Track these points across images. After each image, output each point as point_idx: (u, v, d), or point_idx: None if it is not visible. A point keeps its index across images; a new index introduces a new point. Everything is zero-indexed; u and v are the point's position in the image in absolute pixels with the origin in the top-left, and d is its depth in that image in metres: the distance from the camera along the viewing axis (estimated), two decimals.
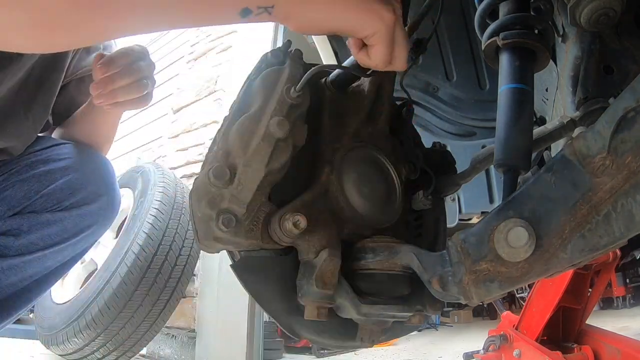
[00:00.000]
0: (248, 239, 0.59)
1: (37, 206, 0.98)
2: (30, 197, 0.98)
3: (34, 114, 1.01)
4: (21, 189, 0.98)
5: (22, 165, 1.01)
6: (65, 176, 1.00)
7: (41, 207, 0.98)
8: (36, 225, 0.97)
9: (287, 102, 0.62)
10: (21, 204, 0.98)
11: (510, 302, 7.34)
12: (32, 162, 1.01)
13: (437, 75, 1.52)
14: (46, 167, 1.01)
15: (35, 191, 0.98)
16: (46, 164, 1.01)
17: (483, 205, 1.52)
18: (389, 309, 0.63)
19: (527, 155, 0.65)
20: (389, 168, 0.78)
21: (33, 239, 0.97)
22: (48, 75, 1.00)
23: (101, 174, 1.07)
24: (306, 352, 4.51)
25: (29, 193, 0.98)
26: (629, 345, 1.74)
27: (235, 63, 2.78)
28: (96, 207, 1.03)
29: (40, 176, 0.99)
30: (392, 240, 0.64)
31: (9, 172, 1.01)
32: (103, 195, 1.05)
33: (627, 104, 0.45)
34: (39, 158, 1.02)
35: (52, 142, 1.08)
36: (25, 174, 1.00)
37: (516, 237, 0.50)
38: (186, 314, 2.55)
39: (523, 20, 0.69)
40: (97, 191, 1.04)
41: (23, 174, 1.00)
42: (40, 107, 1.01)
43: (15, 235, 0.96)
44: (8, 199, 0.98)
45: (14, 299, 0.98)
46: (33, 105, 1.00)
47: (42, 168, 1.00)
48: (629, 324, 4.22)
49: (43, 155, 1.03)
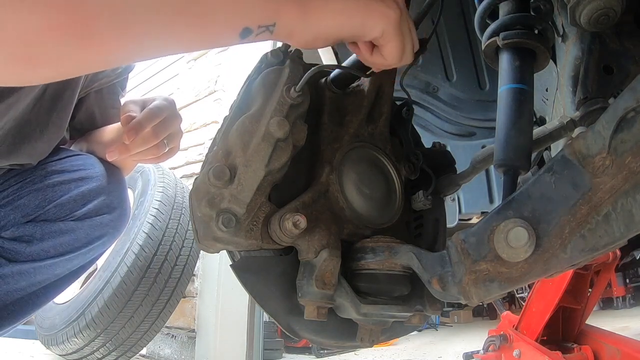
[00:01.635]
0: (248, 239, 0.59)
1: (51, 215, 1.00)
2: (44, 206, 0.99)
3: (49, 134, 1.02)
4: (36, 198, 1.00)
5: (37, 174, 1.03)
6: (79, 187, 1.02)
7: (54, 216, 1.00)
8: (49, 233, 0.99)
9: (287, 102, 0.62)
10: (35, 212, 0.99)
11: (510, 302, 7.35)
12: (47, 172, 1.03)
13: (437, 75, 1.52)
14: (61, 178, 1.02)
15: (49, 200, 1.00)
16: (61, 175, 1.03)
17: (483, 205, 1.52)
18: (388, 309, 0.63)
19: (527, 155, 0.65)
20: (389, 168, 0.78)
21: (45, 246, 0.98)
22: (63, 91, 1.01)
23: (114, 186, 1.08)
24: (306, 352, 4.51)
25: (43, 202, 0.99)
26: (629, 345, 1.74)
27: (235, 63, 2.78)
28: (108, 218, 1.05)
29: (55, 186, 1.01)
30: (392, 240, 0.64)
31: (23, 180, 1.02)
32: (116, 208, 1.06)
33: (627, 104, 0.45)
34: (54, 168, 1.04)
35: (68, 153, 1.09)
36: (40, 184, 1.01)
37: (516, 237, 0.50)
38: (186, 314, 2.55)
39: (523, 20, 0.69)
40: (110, 204, 1.05)
41: (38, 183, 1.01)
42: (55, 127, 1.02)
43: (28, 242, 0.98)
44: (22, 206, 0.99)
45: (21, 303, 0.99)
46: (49, 124, 1.01)
47: (56, 178, 1.02)
48: (629, 324, 4.22)
49: (58, 166, 1.04)
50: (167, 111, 0.98)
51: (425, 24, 0.74)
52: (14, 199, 1.00)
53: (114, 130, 1.16)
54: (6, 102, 0.88)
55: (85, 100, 1.15)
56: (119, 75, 1.19)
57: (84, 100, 1.15)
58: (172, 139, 1.02)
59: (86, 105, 1.15)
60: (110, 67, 0.69)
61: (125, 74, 1.21)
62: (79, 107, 1.14)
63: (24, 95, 0.92)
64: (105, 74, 1.15)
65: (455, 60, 1.51)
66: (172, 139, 1.01)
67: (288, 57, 0.66)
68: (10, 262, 0.96)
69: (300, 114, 0.64)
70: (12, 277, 0.96)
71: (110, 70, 1.15)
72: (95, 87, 1.15)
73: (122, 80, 1.22)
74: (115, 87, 1.21)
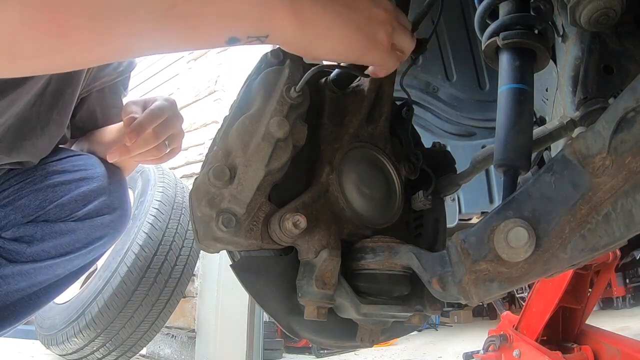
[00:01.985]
0: (248, 239, 0.59)
1: (51, 215, 0.99)
2: (45, 206, 0.99)
3: (50, 131, 1.01)
4: (36, 198, 0.99)
5: (38, 175, 1.02)
6: (80, 187, 1.01)
7: (55, 216, 0.99)
8: (49, 234, 0.98)
9: (287, 102, 0.62)
10: (35, 213, 0.99)
11: (510, 302, 7.34)
12: (48, 172, 1.02)
13: (437, 75, 1.52)
14: (61, 178, 1.02)
15: (50, 201, 0.99)
16: (62, 175, 1.02)
17: (483, 205, 1.52)
18: (388, 309, 0.63)
19: (527, 155, 0.65)
20: (389, 168, 0.78)
21: (45, 247, 0.98)
22: (64, 89, 1.01)
23: (115, 187, 1.08)
24: (306, 352, 4.51)
25: (44, 202, 0.99)
26: (629, 345, 1.74)
27: (235, 63, 2.78)
28: (109, 219, 1.04)
29: (55, 186, 1.00)
30: (392, 240, 0.64)
31: (24, 181, 1.01)
32: (117, 208, 1.06)
33: (627, 104, 0.45)
34: (54, 168, 1.03)
35: (68, 153, 1.09)
36: (41, 184, 1.00)
37: (516, 237, 0.50)
38: (186, 314, 2.55)
39: (523, 20, 0.69)
40: (111, 204, 1.05)
41: (38, 183, 1.01)
42: (56, 124, 1.02)
43: (28, 242, 0.97)
44: (22, 207, 0.99)
45: (21, 304, 0.99)
46: (50, 122, 1.00)
47: (57, 178, 1.01)
48: (629, 324, 4.22)
49: (59, 166, 1.04)
50: (168, 112, 0.97)
51: (425, 24, 0.74)
52: (14, 199, 0.99)
53: (115, 131, 1.16)
54: (8, 98, 0.87)
55: (87, 99, 1.15)
56: (121, 74, 1.18)
57: (86, 99, 1.14)
58: (174, 139, 1.01)
59: (87, 104, 1.15)
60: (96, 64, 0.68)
61: (127, 72, 1.21)
62: (81, 105, 1.13)
63: (26, 92, 0.91)
64: (107, 73, 1.14)
65: (455, 60, 1.51)
66: (173, 140, 1.01)
67: (288, 57, 0.66)
68: (11, 262, 0.96)
69: (300, 114, 0.64)
70: (13, 277, 0.96)
71: (111, 69, 1.15)
72: (97, 86, 1.15)
73: (124, 80, 1.22)
74: (117, 87, 1.20)
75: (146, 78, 3.65)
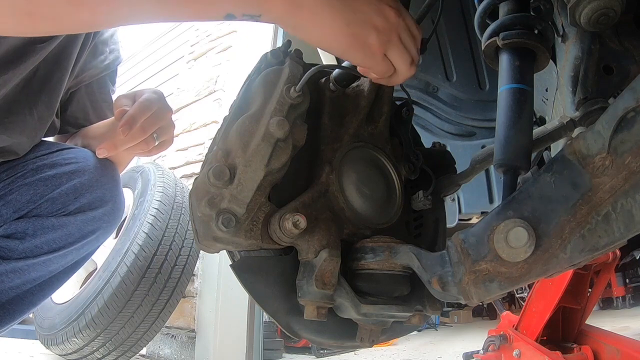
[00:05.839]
0: (248, 239, 0.59)
1: (43, 210, 0.98)
2: (36, 200, 0.98)
3: (39, 112, 1.01)
4: (27, 193, 0.98)
5: (28, 169, 1.01)
6: (71, 181, 1.00)
7: (46, 211, 0.98)
8: (41, 229, 0.97)
9: (287, 102, 0.62)
10: (26, 208, 0.97)
11: (510, 302, 7.34)
12: (38, 166, 1.01)
13: (437, 75, 1.53)
14: (52, 172, 1.00)
15: (41, 195, 0.98)
16: (52, 168, 1.01)
17: (483, 205, 1.52)
18: (388, 309, 0.63)
19: (527, 155, 0.65)
20: (389, 168, 0.78)
21: (38, 242, 0.97)
22: (52, 74, 1.00)
23: (107, 179, 1.06)
24: (306, 352, 4.51)
25: (35, 197, 0.98)
26: (629, 345, 1.74)
27: (235, 63, 2.78)
28: (101, 212, 1.03)
29: (46, 180, 0.99)
30: (392, 240, 0.64)
31: (14, 175, 1.00)
32: (108, 201, 1.05)
33: (627, 104, 0.45)
34: (45, 162, 1.02)
35: (59, 147, 1.08)
36: (31, 178, 0.99)
37: (516, 237, 0.50)
38: (186, 314, 2.55)
39: (523, 20, 0.69)
40: (103, 197, 1.04)
41: (29, 177, 1.00)
42: (45, 105, 1.01)
43: (20, 238, 0.96)
44: (13, 202, 0.97)
45: (17, 302, 0.98)
46: (38, 103, 1.00)
47: (48, 172, 1.00)
48: (629, 324, 4.22)
49: (49, 160, 1.03)
50: (157, 104, 0.97)
51: (425, 24, 0.74)
52: (5, 194, 0.98)
53: (106, 125, 1.16)
54: (2, 78, 0.87)
55: (76, 93, 1.16)
56: (107, 67, 1.19)
57: (75, 94, 1.15)
58: (164, 132, 1.01)
59: (77, 98, 1.16)
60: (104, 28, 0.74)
61: (113, 67, 1.21)
62: (71, 100, 1.14)
63: (16, 76, 0.91)
64: (94, 65, 1.15)
65: (455, 60, 1.51)
66: (163, 132, 1.01)
67: (288, 57, 0.66)
68: (4, 259, 0.94)
69: (300, 114, 0.64)
70: (6, 275, 0.94)
71: (98, 61, 1.16)
72: (86, 80, 1.16)
73: (111, 74, 1.23)
74: (105, 81, 1.21)
75: (146, 78, 3.66)
